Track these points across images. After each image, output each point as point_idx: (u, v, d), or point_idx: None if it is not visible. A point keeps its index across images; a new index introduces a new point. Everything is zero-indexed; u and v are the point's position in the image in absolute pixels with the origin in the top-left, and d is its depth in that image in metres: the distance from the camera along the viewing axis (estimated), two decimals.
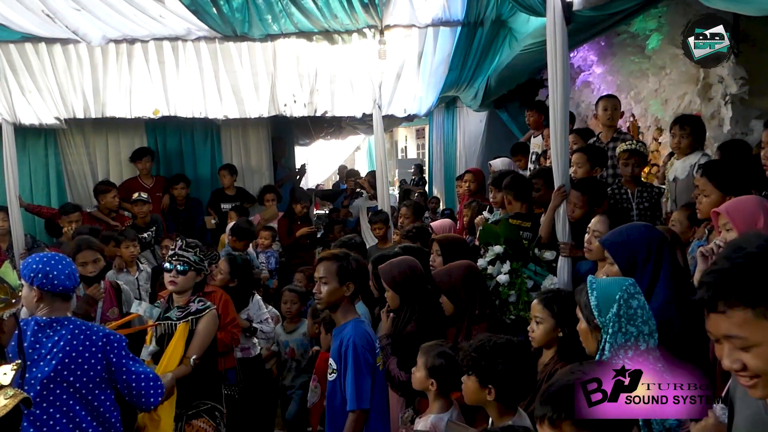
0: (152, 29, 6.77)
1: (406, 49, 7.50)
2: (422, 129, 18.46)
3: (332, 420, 3.42)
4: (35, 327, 3.02)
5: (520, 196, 4.99)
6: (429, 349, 3.11)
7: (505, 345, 2.60)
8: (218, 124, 8.59)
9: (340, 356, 3.33)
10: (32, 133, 8.32)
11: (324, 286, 3.37)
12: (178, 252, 3.96)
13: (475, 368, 2.59)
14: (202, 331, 3.87)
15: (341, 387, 3.33)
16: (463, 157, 10.80)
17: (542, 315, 3.07)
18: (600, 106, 5.93)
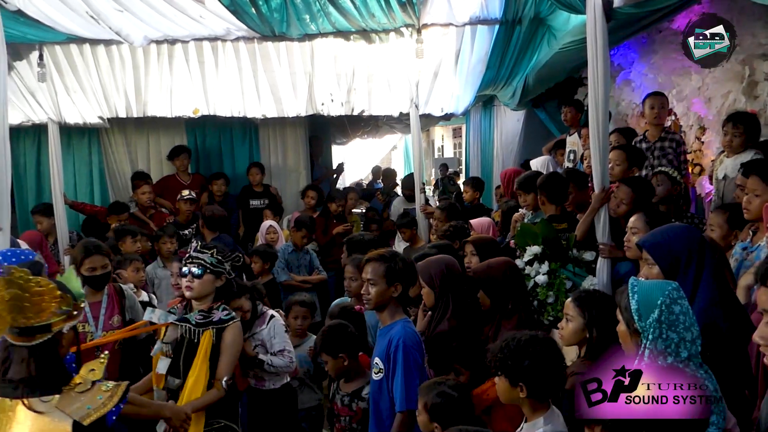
0: (192, 29, 6.86)
1: (443, 48, 7.48)
2: (459, 128, 18.39)
3: (377, 420, 3.41)
4: None
5: (554, 198, 4.95)
6: (428, 390, 2.96)
7: (530, 341, 2.58)
8: (256, 123, 8.67)
9: (388, 356, 3.31)
10: (76, 132, 8.51)
11: (372, 287, 3.36)
12: (193, 254, 3.66)
13: (503, 368, 2.57)
14: (229, 347, 3.58)
15: (388, 387, 3.32)
16: (500, 157, 10.73)
17: (573, 313, 3.03)
18: (647, 104, 5.83)
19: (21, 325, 2.21)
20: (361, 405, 3.69)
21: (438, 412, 2.85)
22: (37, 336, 2.25)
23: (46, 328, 2.26)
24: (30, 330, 2.23)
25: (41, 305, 2.24)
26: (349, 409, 3.72)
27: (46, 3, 5.54)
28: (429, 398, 2.89)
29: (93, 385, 2.26)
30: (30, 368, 2.25)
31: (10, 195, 4.46)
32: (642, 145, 5.73)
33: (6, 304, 2.18)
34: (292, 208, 8.65)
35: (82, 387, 2.24)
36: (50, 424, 2.13)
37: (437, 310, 3.74)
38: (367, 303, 3.45)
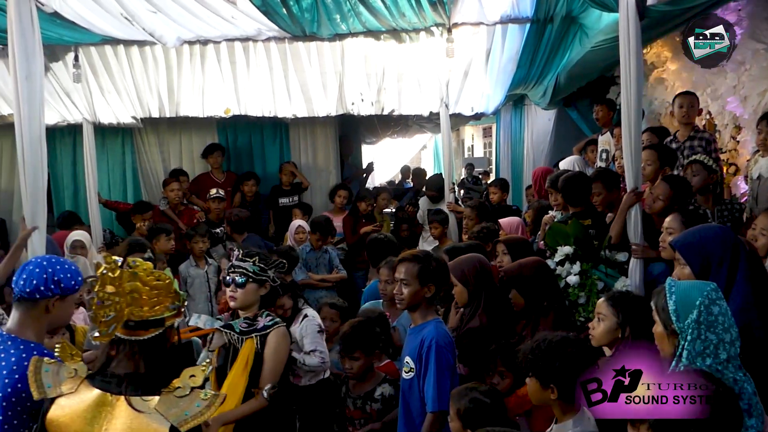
0: (224, 30, 6.92)
1: (474, 47, 7.47)
2: (489, 127, 18.32)
3: (407, 419, 3.40)
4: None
5: (571, 199, 4.95)
6: (460, 396, 2.93)
7: (561, 342, 2.56)
8: (287, 122, 8.73)
9: (419, 356, 3.29)
10: (110, 132, 8.63)
11: (405, 287, 3.34)
12: (235, 263, 3.53)
13: (534, 369, 2.56)
14: (272, 353, 3.40)
15: (419, 386, 3.31)
16: (530, 156, 10.67)
17: (606, 313, 3.00)
18: (676, 103, 5.76)
19: (137, 318, 2.22)
20: (374, 407, 3.67)
21: (471, 418, 2.83)
22: (151, 330, 2.25)
23: (159, 323, 2.27)
24: (145, 323, 2.23)
25: (158, 299, 2.26)
26: (363, 411, 3.71)
27: (82, 5, 5.62)
28: (461, 404, 2.87)
29: (191, 391, 2.20)
30: (138, 364, 2.24)
31: (46, 194, 4.52)
32: (672, 144, 5.66)
33: (126, 296, 2.20)
34: (322, 208, 8.69)
35: (181, 392, 2.19)
36: (148, 425, 2.11)
37: (469, 307, 3.74)
38: (399, 303, 3.44)
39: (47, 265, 2.60)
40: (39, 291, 2.56)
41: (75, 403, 2.18)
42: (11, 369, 2.46)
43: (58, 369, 2.27)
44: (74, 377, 2.24)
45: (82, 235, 6.28)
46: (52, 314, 2.61)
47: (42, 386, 2.22)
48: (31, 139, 4.27)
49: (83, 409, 2.16)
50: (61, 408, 2.17)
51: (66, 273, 2.60)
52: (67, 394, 2.20)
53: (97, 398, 2.17)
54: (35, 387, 2.23)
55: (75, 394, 2.20)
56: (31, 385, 2.24)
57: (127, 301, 2.20)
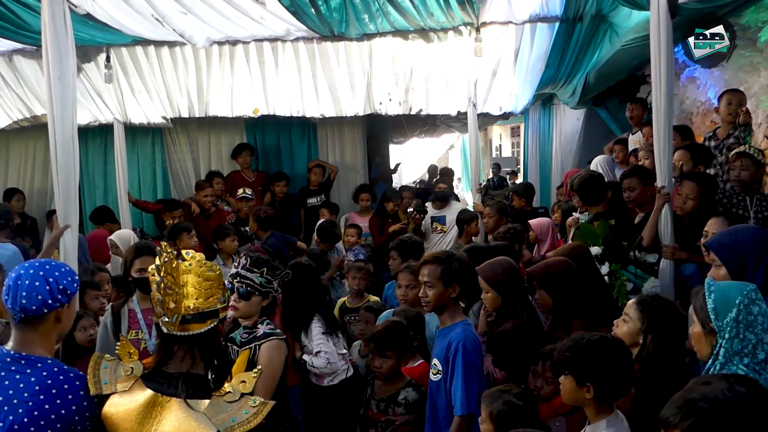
0: (253, 31, 6.96)
1: (502, 46, 7.43)
2: (517, 127, 18.23)
3: (433, 421, 3.39)
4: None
5: (588, 200, 4.93)
6: (492, 398, 2.87)
7: (599, 342, 2.52)
8: (315, 122, 8.77)
9: (447, 358, 3.28)
10: (141, 131, 8.74)
11: (429, 289, 3.34)
12: (241, 272, 3.37)
13: (570, 367, 2.52)
14: (265, 365, 3.08)
15: (446, 388, 3.29)
16: (559, 156, 10.59)
17: (632, 315, 2.95)
18: (724, 99, 5.63)
19: (193, 311, 2.23)
20: (398, 410, 3.64)
21: (504, 421, 2.80)
22: (207, 321, 2.27)
23: (214, 314, 2.29)
24: (201, 316, 2.25)
25: (212, 290, 2.28)
26: (385, 414, 3.69)
27: (114, 6, 5.69)
28: (495, 407, 2.84)
29: (241, 398, 2.19)
30: (195, 361, 2.26)
31: (78, 193, 4.59)
32: (711, 142, 5.57)
33: (182, 288, 2.22)
34: (349, 208, 8.70)
35: (230, 397, 2.18)
36: (196, 428, 2.10)
37: (502, 311, 3.71)
38: (425, 306, 3.43)
39: (45, 274, 2.29)
40: (47, 305, 2.27)
41: (127, 402, 2.20)
42: (34, 390, 2.19)
43: (116, 366, 2.30)
44: (130, 375, 2.27)
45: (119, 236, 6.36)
46: (63, 323, 2.36)
47: (99, 382, 2.26)
48: (64, 138, 4.33)
49: (135, 408, 2.18)
50: (115, 405, 2.21)
51: (66, 277, 2.34)
52: (121, 392, 2.23)
53: (149, 399, 2.18)
54: (92, 383, 2.26)
55: (128, 392, 2.22)
56: (90, 380, 2.27)
57: (183, 294, 2.22)
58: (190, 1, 5.79)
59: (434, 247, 7.24)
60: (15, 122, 8.35)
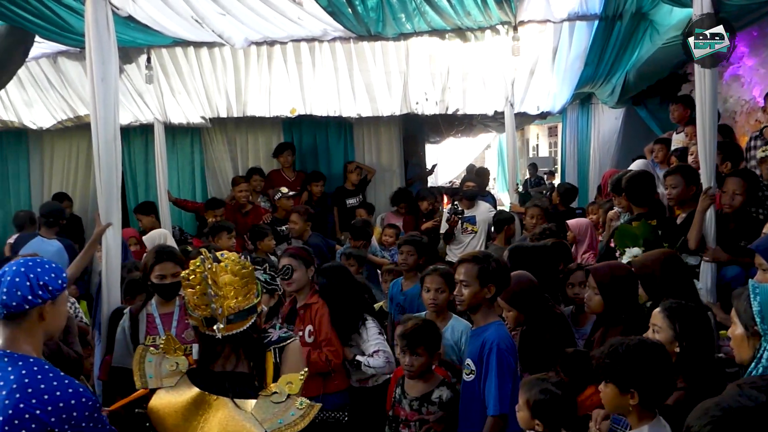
0: (291, 31, 7.01)
1: (540, 45, 7.38)
2: (555, 127, 18.05)
3: (466, 421, 3.38)
4: None
5: (635, 200, 4.83)
6: (530, 386, 2.84)
7: (639, 346, 2.48)
8: (351, 122, 8.79)
9: (480, 358, 3.27)
10: (180, 131, 8.86)
11: (465, 288, 3.33)
12: None
13: (611, 375, 2.48)
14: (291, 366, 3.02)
15: (479, 389, 3.28)
16: (597, 156, 10.47)
17: (661, 325, 2.88)
18: None
19: (235, 310, 2.23)
20: (431, 409, 3.59)
21: (541, 409, 2.78)
22: (248, 318, 2.27)
23: (253, 310, 2.30)
24: (243, 314, 2.25)
25: (248, 287, 2.28)
26: (419, 413, 3.66)
27: (155, 8, 5.78)
28: (532, 394, 2.81)
29: (288, 399, 2.17)
30: (240, 359, 2.27)
31: (121, 192, 4.67)
32: (757, 142, 5.46)
33: (223, 289, 2.21)
34: (385, 207, 8.71)
35: (277, 398, 2.17)
36: (244, 429, 2.10)
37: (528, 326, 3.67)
38: (459, 304, 3.43)
39: (26, 270, 2.27)
40: (27, 301, 2.23)
41: (174, 398, 2.21)
42: (11, 388, 2.15)
43: (161, 361, 2.31)
44: (175, 371, 2.28)
45: (149, 238, 6.47)
46: (47, 321, 2.31)
47: (144, 376, 2.28)
48: (106, 138, 4.41)
49: (181, 405, 2.18)
50: (161, 400, 2.22)
51: (50, 273, 2.30)
52: (168, 387, 2.24)
53: (196, 396, 2.18)
54: (138, 376, 2.29)
55: (175, 388, 2.23)
56: (135, 373, 2.29)
57: (225, 295, 2.22)
58: (229, 3, 5.85)
59: (466, 248, 7.20)
60: (59, 122, 8.55)
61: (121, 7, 5.26)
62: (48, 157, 9.29)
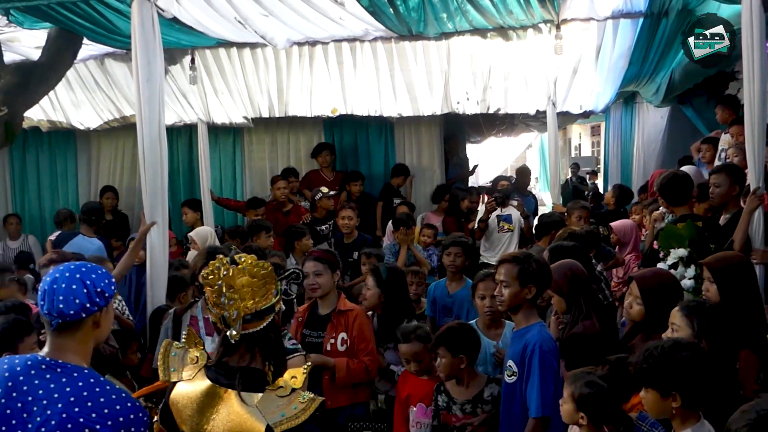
0: (332, 31, 7.04)
1: (583, 43, 7.29)
2: (597, 126, 17.86)
3: (508, 423, 3.36)
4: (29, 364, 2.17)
5: (673, 200, 4.75)
6: (576, 378, 2.82)
7: (674, 347, 2.44)
8: (392, 121, 8.80)
9: (522, 360, 3.24)
10: (223, 131, 8.97)
11: (505, 289, 3.31)
12: None
13: (651, 380, 2.45)
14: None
15: (521, 391, 3.25)
16: (641, 156, 10.31)
17: (680, 323, 2.86)
18: None
19: (252, 310, 2.28)
20: (486, 408, 3.56)
21: (586, 403, 2.75)
22: (266, 318, 2.33)
23: (271, 309, 2.35)
24: (260, 313, 2.31)
25: (267, 287, 2.33)
26: (474, 415, 3.63)
27: (199, 10, 5.86)
28: (577, 387, 2.78)
29: (292, 393, 2.24)
30: (255, 356, 2.32)
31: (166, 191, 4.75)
32: None
33: (241, 291, 2.27)
34: (425, 207, 8.69)
35: (282, 392, 2.24)
36: (248, 421, 2.17)
37: (570, 315, 3.64)
38: (500, 305, 3.41)
39: (81, 276, 2.17)
40: (85, 309, 2.14)
41: (190, 390, 2.28)
42: (69, 401, 2.08)
43: (184, 354, 2.38)
44: (195, 364, 2.34)
45: (198, 233, 6.58)
46: (101, 328, 2.24)
47: (167, 369, 2.35)
48: (151, 138, 4.50)
49: (196, 397, 2.26)
50: (179, 392, 2.30)
51: (104, 279, 2.21)
52: (186, 379, 2.31)
53: (209, 389, 2.26)
54: (162, 369, 2.36)
55: (192, 381, 2.30)
56: (159, 367, 2.36)
57: (242, 297, 2.27)
58: (272, 4, 5.90)
59: (502, 248, 7.15)
60: (106, 123, 8.74)
61: (167, 9, 5.34)
62: (95, 156, 9.52)
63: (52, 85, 6.67)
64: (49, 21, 5.74)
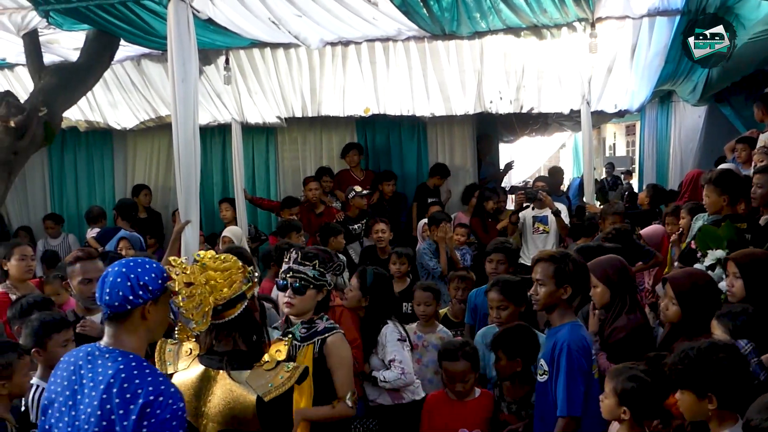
0: (365, 31, 7.05)
1: (618, 42, 7.20)
2: (633, 125, 17.60)
3: (541, 422, 3.35)
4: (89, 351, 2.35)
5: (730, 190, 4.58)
6: (618, 373, 2.81)
7: (711, 348, 2.41)
8: (424, 121, 8.78)
9: (552, 359, 3.23)
10: (256, 131, 9.03)
11: (541, 288, 3.28)
12: (293, 266, 3.30)
13: (686, 382, 2.41)
14: (338, 361, 3.24)
15: (552, 390, 3.24)
16: (678, 156, 10.18)
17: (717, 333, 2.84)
18: None
19: (222, 301, 2.44)
20: (530, 412, 3.58)
21: (629, 397, 2.73)
22: (237, 306, 2.51)
23: (242, 297, 2.52)
24: (230, 303, 2.48)
25: (232, 278, 2.48)
26: (518, 417, 3.62)
27: (233, 11, 5.91)
28: (620, 382, 2.76)
29: (277, 365, 2.49)
30: (237, 341, 2.54)
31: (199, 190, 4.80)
32: None
33: (204, 286, 2.40)
34: (457, 207, 8.67)
35: (268, 365, 2.49)
36: (241, 396, 2.42)
37: (613, 307, 3.59)
38: (535, 303, 3.38)
39: (127, 271, 2.29)
40: (129, 301, 2.26)
41: (186, 378, 2.53)
42: (108, 383, 2.19)
43: (178, 349, 2.62)
44: (189, 355, 2.59)
45: (232, 231, 6.65)
46: (150, 320, 2.33)
47: (164, 364, 2.59)
48: (186, 138, 4.55)
49: (191, 383, 2.51)
50: (177, 382, 2.44)
51: (150, 273, 2.32)
52: (182, 369, 2.56)
53: (202, 373, 2.52)
54: (159, 364, 2.58)
55: (187, 370, 2.56)
56: (157, 362, 2.58)
57: (207, 291, 2.41)
58: (305, 4, 5.93)
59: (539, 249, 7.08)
60: (141, 123, 8.87)
61: (202, 10, 5.40)
62: (131, 156, 9.66)
63: (90, 85, 6.79)
64: (88, 23, 5.84)
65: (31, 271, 4.68)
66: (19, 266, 4.59)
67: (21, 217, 9.31)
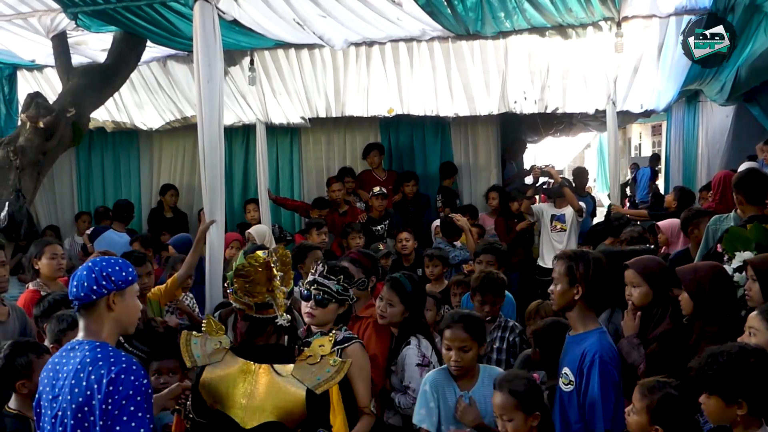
0: (390, 32, 7.05)
1: (644, 41, 7.13)
2: (659, 125, 17.45)
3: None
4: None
5: (752, 198, 4.55)
6: (651, 390, 2.68)
7: (741, 353, 2.37)
8: (448, 121, 8.77)
9: (580, 369, 3.07)
10: (281, 131, 9.08)
11: (556, 286, 3.19)
12: (318, 279, 3.35)
13: (715, 387, 2.38)
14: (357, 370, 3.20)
15: (578, 401, 3.08)
16: (705, 156, 10.04)
17: (759, 327, 2.73)
18: None
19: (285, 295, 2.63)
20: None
21: (662, 415, 2.65)
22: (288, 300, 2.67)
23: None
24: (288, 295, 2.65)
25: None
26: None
27: (258, 12, 5.95)
28: (654, 399, 2.66)
29: (321, 359, 2.58)
30: (281, 337, 2.67)
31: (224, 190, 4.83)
32: None
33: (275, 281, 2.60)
34: (481, 208, 8.62)
35: (312, 360, 2.58)
36: (285, 388, 2.51)
37: (656, 308, 3.47)
38: (552, 303, 3.30)
39: (93, 264, 2.51)
40: (93, 291, 2.46)
41: (222, 369, 2.60)
42: (76, 370, 2.40)
43: (205, 341, 2.68)
44: (219, 348, 2.66)
45: (257, 230, 6.69)
46: (116, 311, 2.50)
47: (192, 356, 2.65)
48: (211, 138, 4.59)
49: (230, 375, 2.58)
50: (211, 374, 2.60)
51: (114, 267, 2.52)
52: (215, 362, 2.62)
53: (241, 366, 2.60)
54: (187, 357, 2.66)
55: (222, 362, 2.62)
56: (183, 355, 2.66)
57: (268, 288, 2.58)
58: (330, 5, 5.95)
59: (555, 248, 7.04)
60: (167, 123, 8.96)
61: (227, 12, 5.44)
62: (156, 156, 9.77)
63: (117, 86, 6.87)
64: (115, 24, 5.91)
65: (62, 270, 4.73)
66: (50, 265, 4.65)
67: (49, 217, 9.44)
